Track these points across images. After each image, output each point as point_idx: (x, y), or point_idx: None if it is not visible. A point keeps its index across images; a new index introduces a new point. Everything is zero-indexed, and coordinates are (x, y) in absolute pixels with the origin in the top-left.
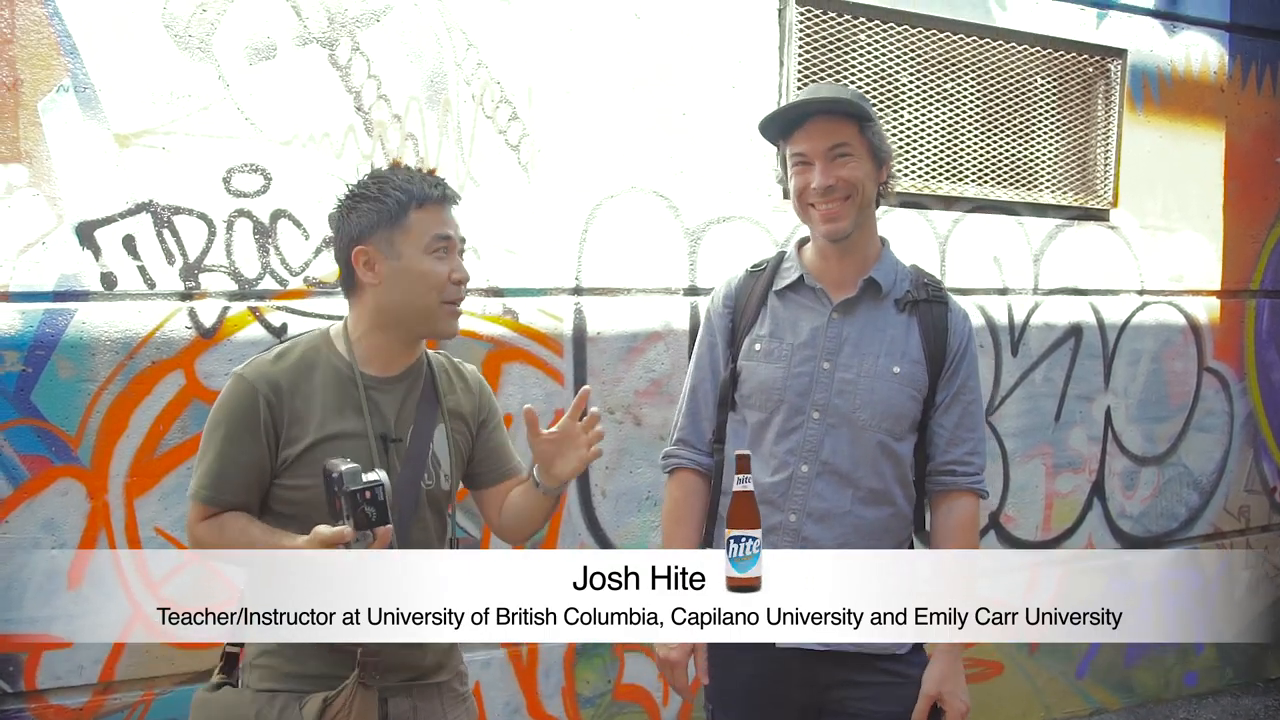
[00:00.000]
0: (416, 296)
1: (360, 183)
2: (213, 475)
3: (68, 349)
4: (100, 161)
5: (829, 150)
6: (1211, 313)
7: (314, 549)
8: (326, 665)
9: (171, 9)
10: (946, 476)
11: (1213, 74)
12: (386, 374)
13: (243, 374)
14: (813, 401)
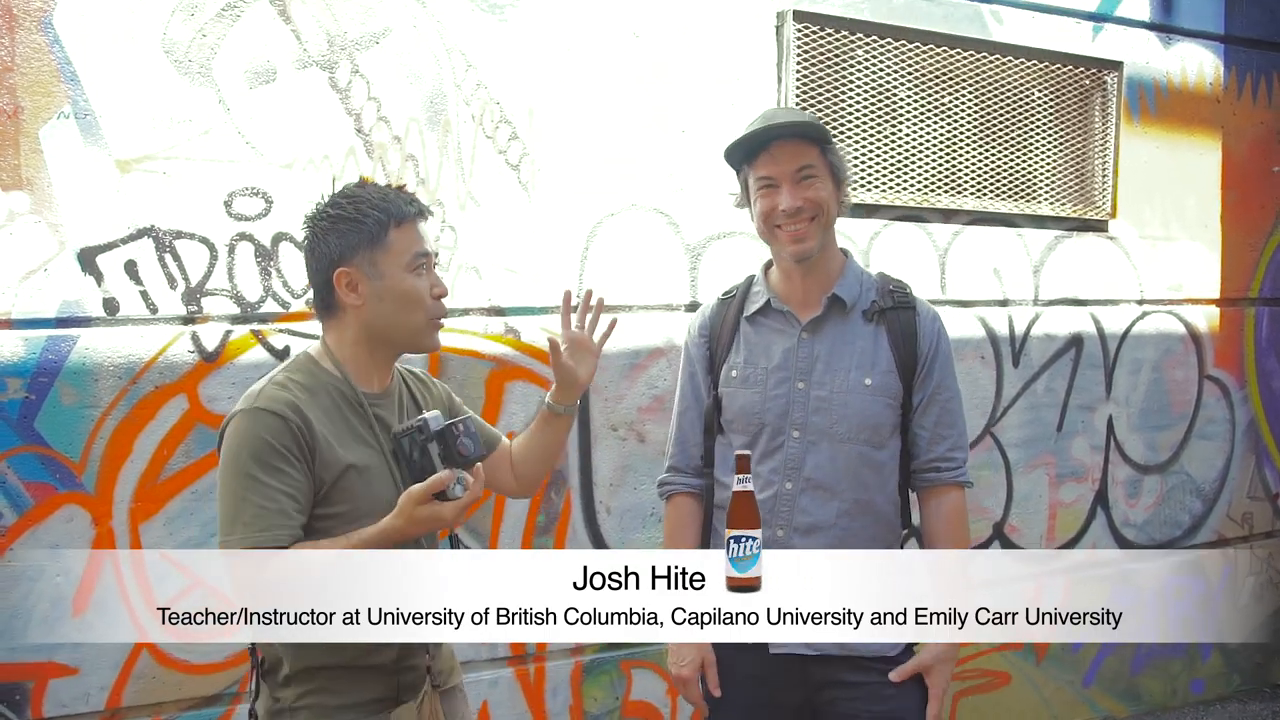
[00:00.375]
0: (403, 315)
1: (333, 203)
2: (267, 514)
3: (71, 375)
4: (101, 187)
5: (795, 172)
6: (1211, 321)
7: (408, 516)
8: (374, 689)
9: (171, 34)
10: (931, 473)
11: (1208, 85)
12: (377, 389)
13: (261, 407)
14: (791, 421)
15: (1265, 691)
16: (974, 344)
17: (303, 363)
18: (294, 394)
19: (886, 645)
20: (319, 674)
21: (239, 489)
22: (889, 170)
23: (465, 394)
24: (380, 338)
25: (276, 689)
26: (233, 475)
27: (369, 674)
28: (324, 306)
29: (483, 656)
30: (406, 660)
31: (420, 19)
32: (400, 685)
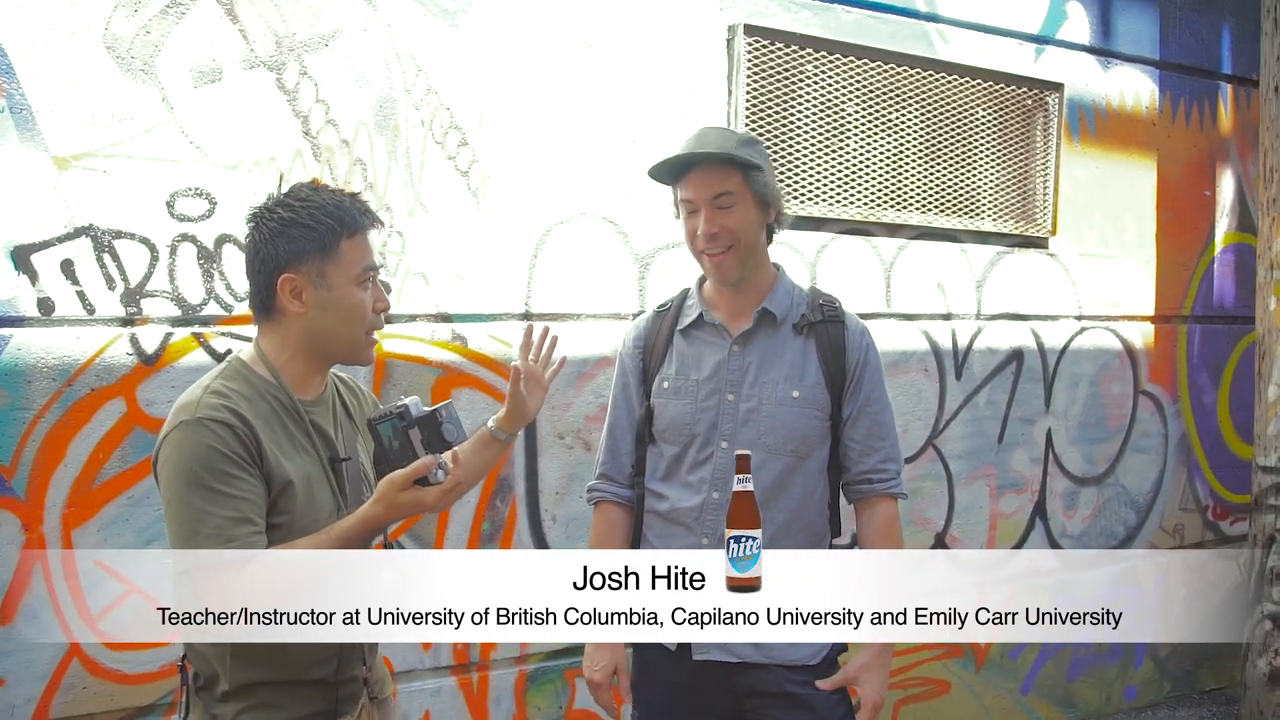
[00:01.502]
0: (345, 328)
1: (284, 204)
2: (234, 524)
3: (2, 376)
4: (38, 184)
5: (713, 199)
6: (1146, 337)
7: (388, 502)
8: (314, 704)
9: (113, 30)
10: (864, 485)
11: (1144, 108)
12: (312, 396)
13: (204, 417)
14: (721, 432)
15: (1194, 697)
16: (918, 357)
17: (237, 369)
18: (233, 401)
19: (806, 654)
20: (259, 689)
21: (195, 502)
22: (836, 184)
23: None
24: (318, 347)
25: (213, 705)
26: (185, 489)
27: (309, 688)
28: (262, 309)
29: (425, 665)
30: (345, 673)
31: (370, 22)
32: (339, 698)
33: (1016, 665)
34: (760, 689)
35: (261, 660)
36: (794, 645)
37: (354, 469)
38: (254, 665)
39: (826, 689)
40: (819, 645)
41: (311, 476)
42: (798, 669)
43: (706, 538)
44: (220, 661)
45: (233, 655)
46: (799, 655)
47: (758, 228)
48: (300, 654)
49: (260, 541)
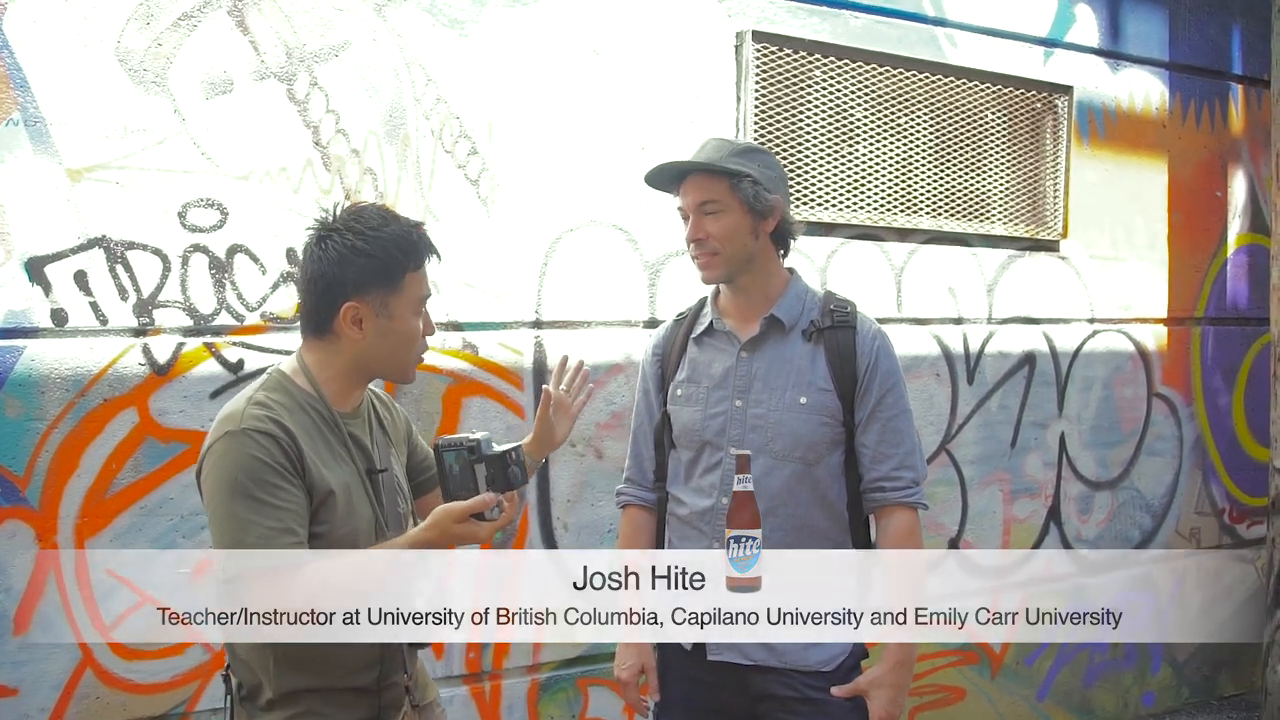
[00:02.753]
0: (398, 353)
1: (353, 229)
2: (279, 534)
3: (16, 387)
4: (51, 196)
5: (699, 206)
6: (1159, 340)
7: (444, 529)
8: (357, 711)
9: (126, 43)
10: (876, 493)
11: (1155, 110)
12: (350, 409)
13: (249, 428)
14: (729, 438)
15: (1213, 703)
16: (929, 362)
17: (278, 381)
18: (276, 413)
19: (820, 659)
20: (303, 697)
21: (240, 512)
22: (846, 189)
23: (422, 409)
24: (365, 368)
25: (257, 714)
26: (230, 499)
27: (352, 695)
28: (315, 327)
29: (437, 674)
30: (387, 680)
31: (380, 33)
32: (381, 705)
33: (1032, 672)
34: (774, 692)
35: (304, 667)
36: (808, 650)
37: (389, 480)
38: (297, 672)
39: (839, 695)
40: (834, 651)
41: (351, 486)
42: (812, 674)
43: (717, 541)
44: (264, 670)
45: (275, 663)
46: (813, 660)
47: (746, 234)
48: (342, 661)
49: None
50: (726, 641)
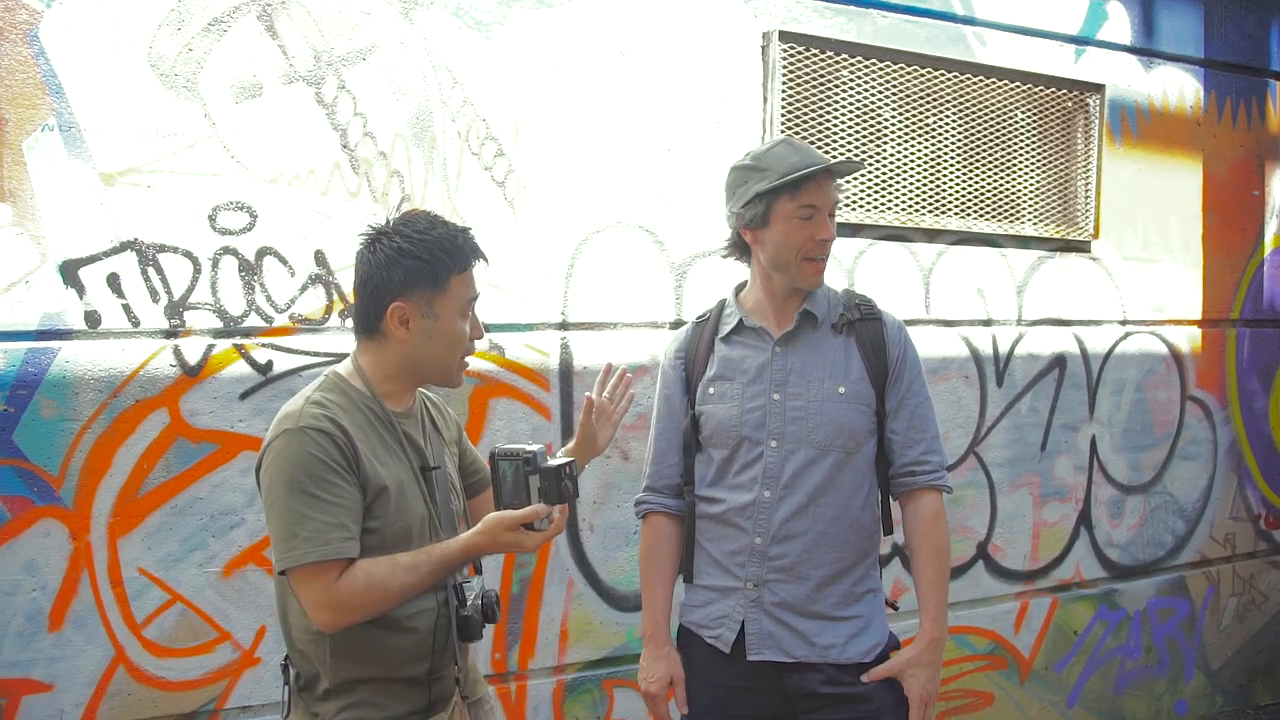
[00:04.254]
0: (445, 354)
1: (401, 232)
2: (330, 528)
3: (51, 388)
4: (85, 200)
5: (833, 206)
6: (1193, 342)
7: (493, 537)
8: (409, 702)
9: (157, 48)
10: (907, 478)
11: (1189, 108)
12: (403, 409)
13: (306, 425)
14: (769, 431)
15: (1248, 712)
16: (958, 363)
17: (334, 382)
18: (332, 411)
19: (858, 652)
20: (359, 688)
21: (296, 506)
22: (874, 190)
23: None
24: (415, 369)
25: (314, 704)
26: (287, 493)
27: (405, 686)
28: (366, 329)
29: None
30: (438, 672)
31: (407, 36)
32: (432, 697)
33: (1062, 677)
34: (814, 689)
35: (360, 658)
36: (848, 643)
37: (443, 478)
38: (353, 662)
39: (871, 680)
40: (871, 643)
41: (405, 483)
42: (849, 668)
43: (760, 537)
44: (320, 660)
45: (332, 653)
46: (853, 653)
47: None
48: (396, 652)
49: (353, 548)
50: (768, 640)
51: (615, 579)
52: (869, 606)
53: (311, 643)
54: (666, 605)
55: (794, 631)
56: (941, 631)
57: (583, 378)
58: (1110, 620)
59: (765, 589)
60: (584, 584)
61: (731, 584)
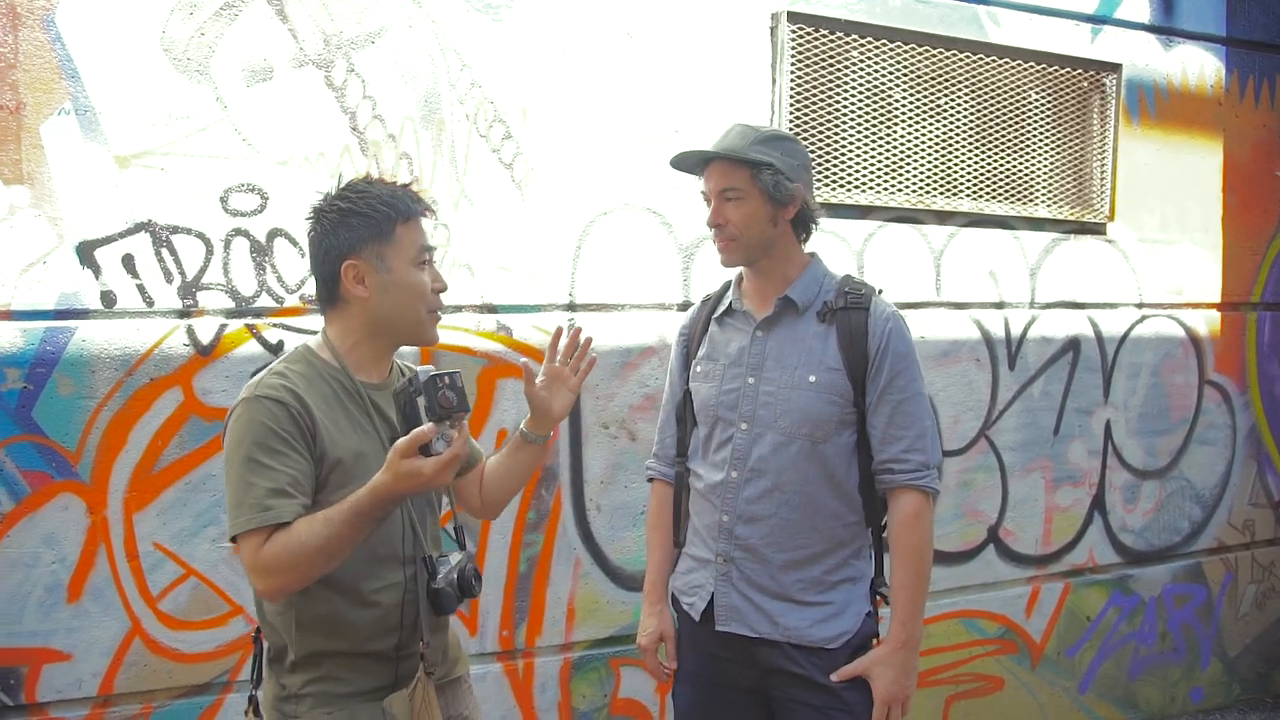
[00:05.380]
0: (406, 307)
1: (341, 196)
2: (271, 494)
3: (68, 366)
4: (100, 182)
5: (721, 193)
6: (1212, 326)
7: (393, 471)
8: (375, 678)
9: (170, 33)
10: (885, 475)
11: (1210, 88)
12: (376, 380)
13: (261, 395)
14: (740, 414)
15: (1267, 701)
16: (969, 346)
17: (301, 354)
18: (292, 381)
19: (823, 637)
20: (324, 661)
21: (243, 473)
22: (884, 172)
23: None
24: (383, 329)
25: (283, 675)
26: (236, 461)
27: (370, 661)
28: (328, 298)
29: (470, 650)
30: (407, 648)
31: (415, 19)
32: (398, 673)
33: (1074, 663)
34: (781, 667)
35: (325, 631)
36: (812, 626)
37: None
38: (319, 635)
39: (838, 680)
40: (839, 629)
41: (369, 454)
42: (817, 651)
43: (727, 514)
44: (287, 632)
45: (298, 626)
46: (817, 636)
47: (765, 222)
48: (362, 626)
49: (287, 513)
50: (734, 614)
51: (622, 558)
52: (846, 595)
53: (279, 614)
54: (663, 567)
55: (759, 609)
56: (909, 634)
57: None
58: (1124, 606)
59: (733, 565)
60: (591, 563)
61: (706, 556)
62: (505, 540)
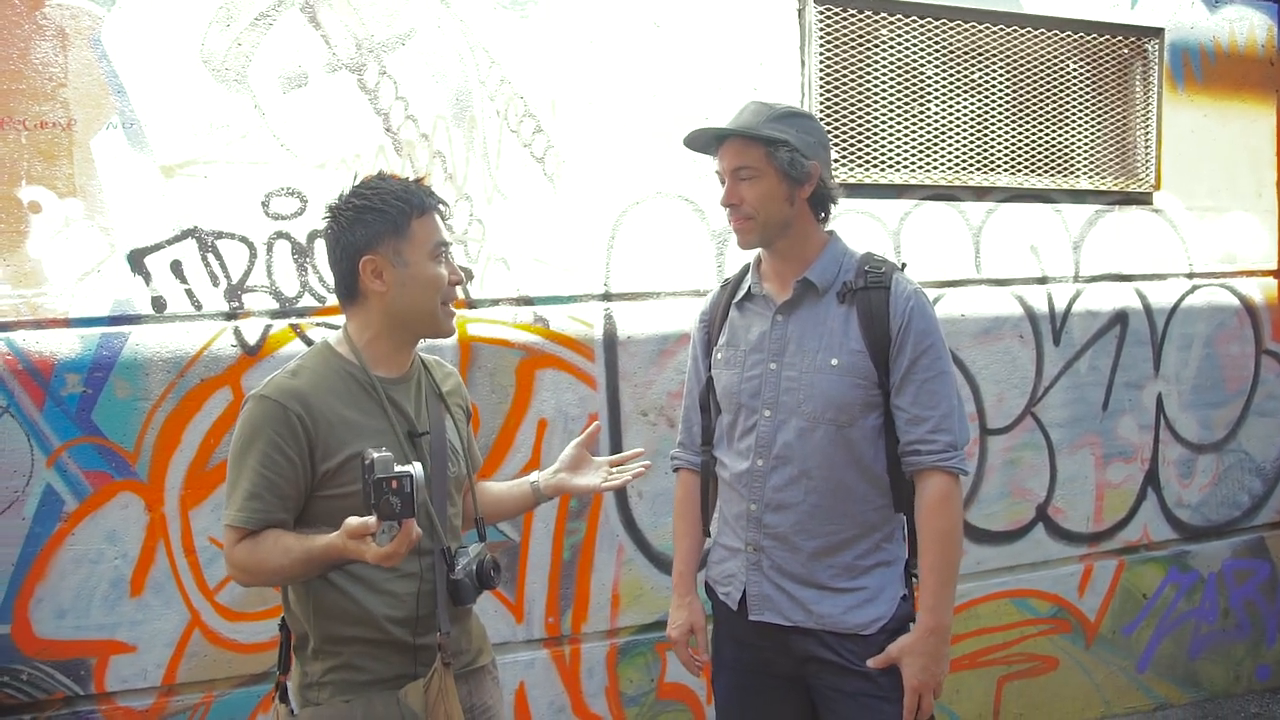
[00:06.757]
0: (424, 300)
1: (356, 193)
2: (248, 497)
3: (123, 370)
4: (148, 192)
5: (735, 171)
6: (1268, 293)
7: (342, 542)
8: (394, 667)
9: (209, 45)
10: (912, 456)
11: (1260, 48)
12: (395, 374)
13: (266, 394)
14: (764, 400)
15: None
16: (1011, 323)
17: (320, 350)
18: (302, 381)
19: (858, 624)
20: (343, 649)
21: (234, 471)
22: (918, 149)
23: (496, 382)
24: (400, 323)
25: (306, 663)
26: (233, 457)
27: (389, 650)
28: (347, 294)
29: (519, 638)
30: (424, 638)
31: (444, 19)
32: (417, 662)
33: (1131, 641)
34: (816, 655)
35: (343, 619)
36: (846, 612)
37: (438, 442)
38: (335, 622)
39: (873, 666)
40: (874, 614)
41: (387, 445)
42: (851, 638)
43: (754, 504)
44: (307, 619)
45: (315, 612)
46: (851, 623)
47: (781, 200)
48: (379, 615)
49: (256, 521)
50: (766, 603)
51: (664, 544)
52: (879, 579)
53: (300, 603)
54: (690, 557)
55: (791, 598)
56: (938, 620)
57: (627, 347)
58: (1182, 583)
59: (763, 554)
60: (634, 549)
61: (737, 545)
62: (549, 528)
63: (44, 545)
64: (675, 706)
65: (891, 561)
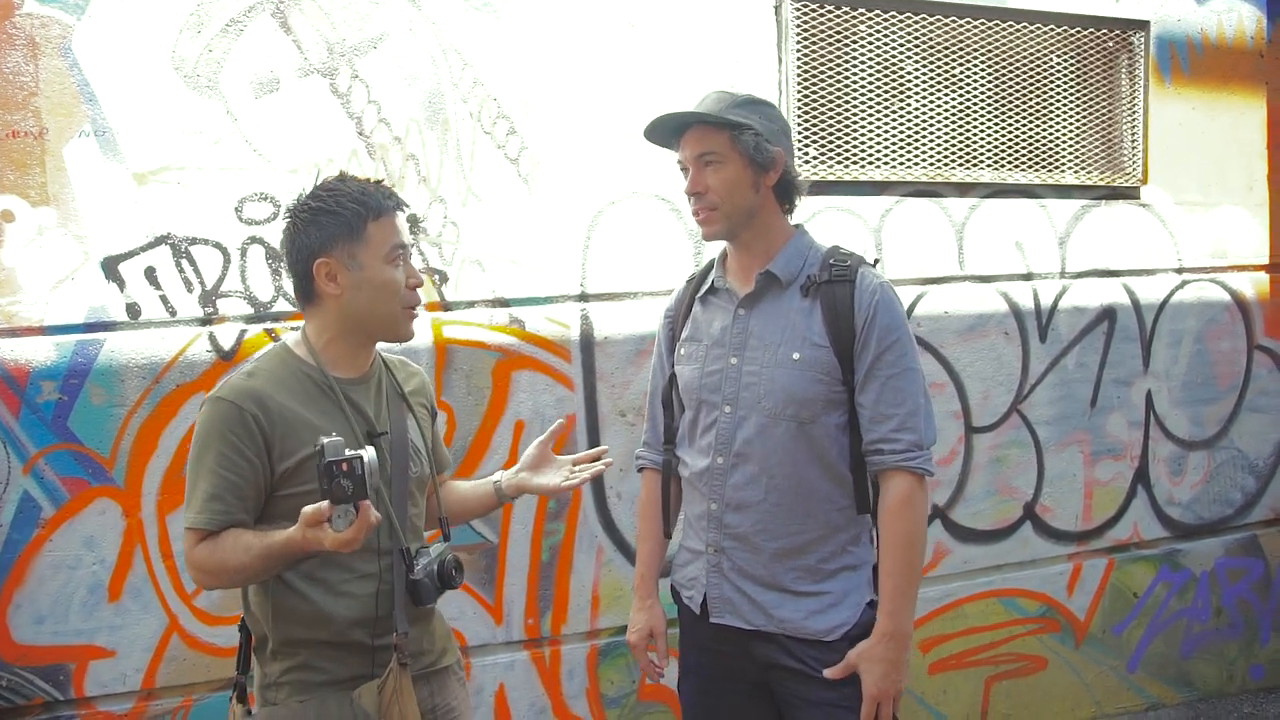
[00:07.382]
0: (380, 304)
1: (313, 195)
2: (208, 499)
3: (99, 376)
4: (121, 199)
5: (699, 158)
6: (1260, 288)
7: (300, 533)
8: (351, 668)
9: (180, 51)
10: (875, 455)
11: (1249, 39)
12: (354, 375)
13: (221, 396)
14: (724, 396)
15: None
16: (996, 319)
17: (277, 352)
18: (259, 383)
19: (820, 629)
20: (300, 649)
21: (192, 474)
22: (899, 146)
23: (472, 384)
24: (357, 326)
25: (266, 663)
26: (191, 460)
27: (346, 650)
28: (303, 296)
29: (498, 639)
30: (382, 638)
31: (416, 22)
32: (375, 663)
33: (1121, 641)
34: (779, 662)
35: (301, 620)
36: (808, 619)
37: (399, 442)
38: (294, 624)
39: (832, 677)
40: (835, 620)
41: (334, 434)
42: (813, 643)
43: (715, 502)
44: (265, 621)
45: (274, 614)
46: (812, 628)
47: (747, 188)
48: (336, 616)
49: (216, 522)
50: (727, 606)
51: None
52: (844, 583)
53: (259, 604)
54: (652, 559)
55: (752, 601)
56: (897, 625)
57: (604, 347)
58: (1174, 582)
59: (724, 556)
60: (613, 550)
61: (699, 547)
62: (527, 530)
63: (22, 551)
64: (657, 708)
65: (858, 566)
